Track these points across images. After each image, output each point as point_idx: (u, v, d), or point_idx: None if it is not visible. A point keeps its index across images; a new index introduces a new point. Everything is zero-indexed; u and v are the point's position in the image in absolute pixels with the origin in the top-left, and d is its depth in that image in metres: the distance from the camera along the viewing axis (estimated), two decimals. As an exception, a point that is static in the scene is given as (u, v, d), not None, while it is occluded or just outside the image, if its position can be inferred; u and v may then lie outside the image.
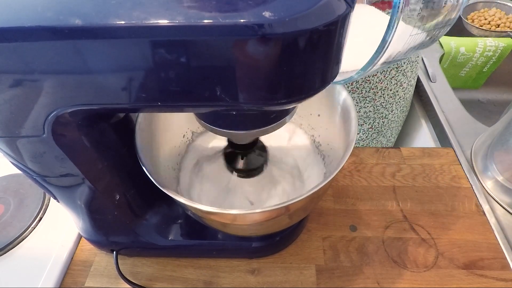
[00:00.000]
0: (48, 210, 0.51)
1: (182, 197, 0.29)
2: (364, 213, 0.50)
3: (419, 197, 0.51)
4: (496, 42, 0.86)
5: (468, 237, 0.46)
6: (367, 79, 0.63)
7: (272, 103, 0.22)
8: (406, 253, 0.45)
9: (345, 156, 0.32)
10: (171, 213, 0.44)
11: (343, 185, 0.53)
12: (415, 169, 0.55)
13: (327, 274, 0.44)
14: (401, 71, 0.65)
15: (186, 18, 0.18)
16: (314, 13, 0.18)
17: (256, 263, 0.45)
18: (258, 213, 0.30)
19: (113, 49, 0.20)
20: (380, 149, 0.59)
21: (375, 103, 0.68)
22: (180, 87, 0.22)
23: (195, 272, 0.45)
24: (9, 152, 0.28)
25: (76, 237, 0.48)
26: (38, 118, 0.24)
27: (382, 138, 0.78)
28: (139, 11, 0.18)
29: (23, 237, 0.47)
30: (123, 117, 0.34)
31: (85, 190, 0.33)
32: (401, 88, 0.69)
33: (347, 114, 0.37)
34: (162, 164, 0.41)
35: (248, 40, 0.18)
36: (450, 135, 0.62)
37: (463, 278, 0.42)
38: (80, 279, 0.44)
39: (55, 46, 0.20)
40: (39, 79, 0.22)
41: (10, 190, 0.53)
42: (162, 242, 0.43)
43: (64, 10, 0.19)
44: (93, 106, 0.24)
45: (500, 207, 0.50)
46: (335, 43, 0.20)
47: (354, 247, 0.46)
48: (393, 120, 0.75)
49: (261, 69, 0.20)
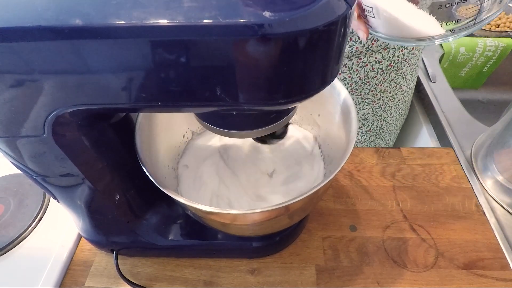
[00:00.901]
0: (48, 210, 0.51)
1: (182, 197, 0.29)
2: (364, 213, 0.50)
3: (419, 197, 0.51)
4: (496, 42, 0.86)
5: (468, 237, 0.46)
6: (367, 80, 0.63)
7: (272, 103, 0.22)
8: (406, 253, 0.45)
9: (345, 156, 0.32)
10: (171, 213, 0.44)
11: (343, 185, 0.53)
12: (415, 169, 0.55)
13: (327, 274, 0.44)
14: (401, 74, 0.65)
15: (186, 18, 0.18)
16: (314, 13, 0.18)
17: (256, 263, 0.45)
18: (258, 213, 0.30)
19: (113, 49, 0.20)
20: (380, 149, 0.59)
21: (374, 106, 0.68)
22: (180, 87, 0.22)
23: (195, 272, 0.45)
24: (9, 152, 0.28)
25: (76, 237, 0.48)
26: (38, 118, 0.25)
27: (380, 141, 0.78)
28: (139, 11, 0.18)
29: (23, 237, 0.47)
30: (123, 117, 0.34)
31: (85, 190, 0.33)
32: (401, 91, 0.69)
33: (347, 114, 0.37)
34: (162, 164, 0.41)
35: (248, 40, 0.18)
36: (450, 135, 0.62)
37: (463, 278, 0.42)
38: (80, 279, 0.44)
39: (55, 46, 0.20)
40: (39, 79, 0.22)
41: (10, 190, 0.53)
42: (162, 242, 0.43)
43: (64, 10, 0.19)
44: (93, 106, 0.24)
45: (500, 207, 0.50)
46: (335, 43, 0.20)
47: (354, 247, 0.46)
48: (391, 123, 0.75)
49: (261, 69, 0.20)
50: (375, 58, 0.59)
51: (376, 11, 0.31)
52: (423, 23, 0.30)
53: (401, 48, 0.60)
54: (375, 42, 0.56)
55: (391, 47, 0.59)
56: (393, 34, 0.33)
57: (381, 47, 0.58)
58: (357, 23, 0.35)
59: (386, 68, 0.61)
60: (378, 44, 0.57)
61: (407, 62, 0.64)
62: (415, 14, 0.30)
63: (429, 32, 0.31)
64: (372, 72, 0.61)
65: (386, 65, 0.61)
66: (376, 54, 0.59)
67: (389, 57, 0.60)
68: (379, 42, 0.57)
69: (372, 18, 0.33)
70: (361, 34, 0.35)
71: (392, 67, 0.62)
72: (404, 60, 0.63)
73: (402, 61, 0.62)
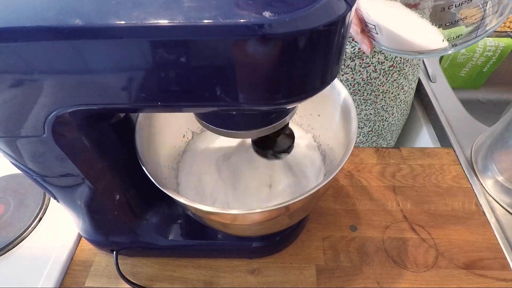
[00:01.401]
0: (48, 210, 0.51)
1: (182, 197, 0.29)
2: (364, 213, 0.50)
3: (419, 197, 0.51)
4: (496, 42, 0.86)
5: (468, 237, 0.46)
6: (369, 81, 0.63)
7: (272, 103, 0.22)
8: (406, 253, 0.45)
9: (345, 156, 0.32)
10: (171, 213, 0.44)
11: (343, 185, 0.53)
12: (415, 169, 0.55)
13: (327, 274, 0.44)
14: (403, 74, 0.65)
15: (186, 18, 0.18)
16: (314, 13, 0.18)
17: (256, 263, 0.45)
18: (258, 213, 0.30)
19: (113, 49, 0.20)
20: (380, 149, 0.59)
21: (376, 106, 0.68)
22: (180, 87, 0.22)
23: (195, 272, 0.45)
24: (9, 152, 0.28)
25: (76, 237, 0.48)
26: (38, 118, 0.25)
27: (382, 141, 0.78)
28: (139, 11, 0.18)
29: (23, 237, 0.47)
30: (123, 117, 0.34)
31: (85, 190, 0.33)
32: (402, 91, 0.69)
33: (347, 114, 0.37)
34: (162, 164, 0.41)
35: (248, 40, 0.18)
36: (450, 135, 0.62)
37: (463, 278, 0.42)
38: (80, 279, 0.44)
39: (55, 46, 0.20)
40: (39, 79, 0.22)
41: (10, 190, 0.53)
42: (162, 242, 0.43)
43: (64, 10, 0.19)
44: (93, 106, 0.24)
45: (500, 207, 0.50)
46: (335, 43, 0.20)
47: (354, 247, 0.46)
48: (393, 123, 0.75)
49: (261, 69, 0.20)
50: (378, 59, 0.59)
51: (378, 28, 0.32)
52: (425, 37, 0.31)
53: None
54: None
55: None
56: (396, 47, 0.34)
57: None
58: (361, 38, 0.36)
59: (388, 68, 0.61)
60: None
61: (409, 63, 0.64)
62: (417, 27, 0.31)
63: (430, 46, 0.31)
64: (375, 73, 0.61)
65: (388, 66, 0.61)
66: (379, 55, 0.59)
67: (392, 57, 0.60)
68: None
69: (375, 34, 0.34)
70: (365, 48, 0.37)
71: (395, 67, 0.62)
72: (406, 61, 0.63)
73: (404, 61, 0.62)
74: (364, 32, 0.36)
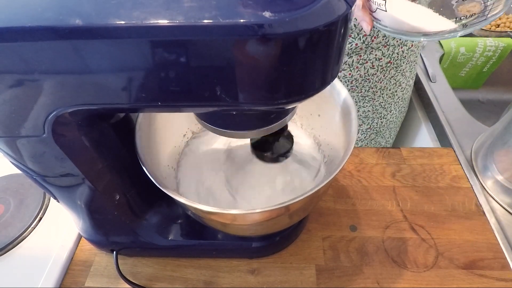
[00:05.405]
0: (48, 210, 0.51)
1: (182, 197, 0.29)
2: (364, 213, 0.50)
3: (419, 197, 0.51)
4: (496, 42, 0.86)
5: (468, 237, 0.46)
6: (367, 78, 0.63)
7: (272, 103, 0.22)
8: (406, 253, 0.45)
9: (345, 156, 0.32)
10: (171, 213, 0.44)
11: (343, 185, 0.53)
12: (415, 169, 0.55)
13: (327, 274, 0.44)
14: (400, 71, 0.65)
15: (186, 18, 0.18)
16: (314, 13, 0.18)
17: (256, 263, 0.45)
18: (258, 213, 0.30)
19: (113, 49, 0.20)
20: (380, 149, 0.59)
21: (374, 103, 0.69)
22: (180, 87, 0.22)
23: (195, 272, 0.45)
24: (9, 152, 0.28)
25: (76, 237, 0.48)
26: (38, 118, 0.25)
27: (380, 138, 0.78)
28: (139, 11, 0.18)
29: (23, 237, 0.47)
30: (123, 117, 0.34)
31: (85, 190, 0.33)
32: (400, 88, 0.69)
33: (347, 114, 0.37)
34: (162, 164, 0.41)
35: (248, 40, 0.18)
36: (450, 135, 0.62)
37: (463, 278, 0.42)
38: (80, 279, 0.44)
39: (55, 46, 0.20)
40: (39, 79, 0.22)
41: (10, 190, 0.53)
42: (162, 242, 0.43)
43: (64, 10, 0.19)
44: (93, 106, 0.24)
45: (500, 207, 0.50)
46: (335, 43, 0.20)
47: (354, 247, 0.46)
48: (391, 120, 0.75)
49: (261, 69, 0.20)
50: (375, 55, 0.59)
51: (389, 4, 0.31)
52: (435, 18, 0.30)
53: (400, 45, 0.60)
54: (375, 39, 0.56)
55: (391, 44, 0.59)
56: (402, 28, 0.32)
57: (381, 44, 0.58)
58: (362, 14, 0.34)
59: (386, 65, 0.61)
60: (378, 41, 0.57)
61: (406, 59, 0.64)
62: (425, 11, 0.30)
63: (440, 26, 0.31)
64: (372, 69, 0.61)
65: (386, 62, 0.61)
66: (376, 51, 0.59)
67: (389, 54, 0.60)
68: (379, 39, 0.57)
69: (383, 11, 0.32)
70: (365, 25, 0.34)
71: (392, 64, 0.62)
72: (404, 57, 0.63)
73: (401, 58, 0.62)
74: (365, 8, 0.34)
